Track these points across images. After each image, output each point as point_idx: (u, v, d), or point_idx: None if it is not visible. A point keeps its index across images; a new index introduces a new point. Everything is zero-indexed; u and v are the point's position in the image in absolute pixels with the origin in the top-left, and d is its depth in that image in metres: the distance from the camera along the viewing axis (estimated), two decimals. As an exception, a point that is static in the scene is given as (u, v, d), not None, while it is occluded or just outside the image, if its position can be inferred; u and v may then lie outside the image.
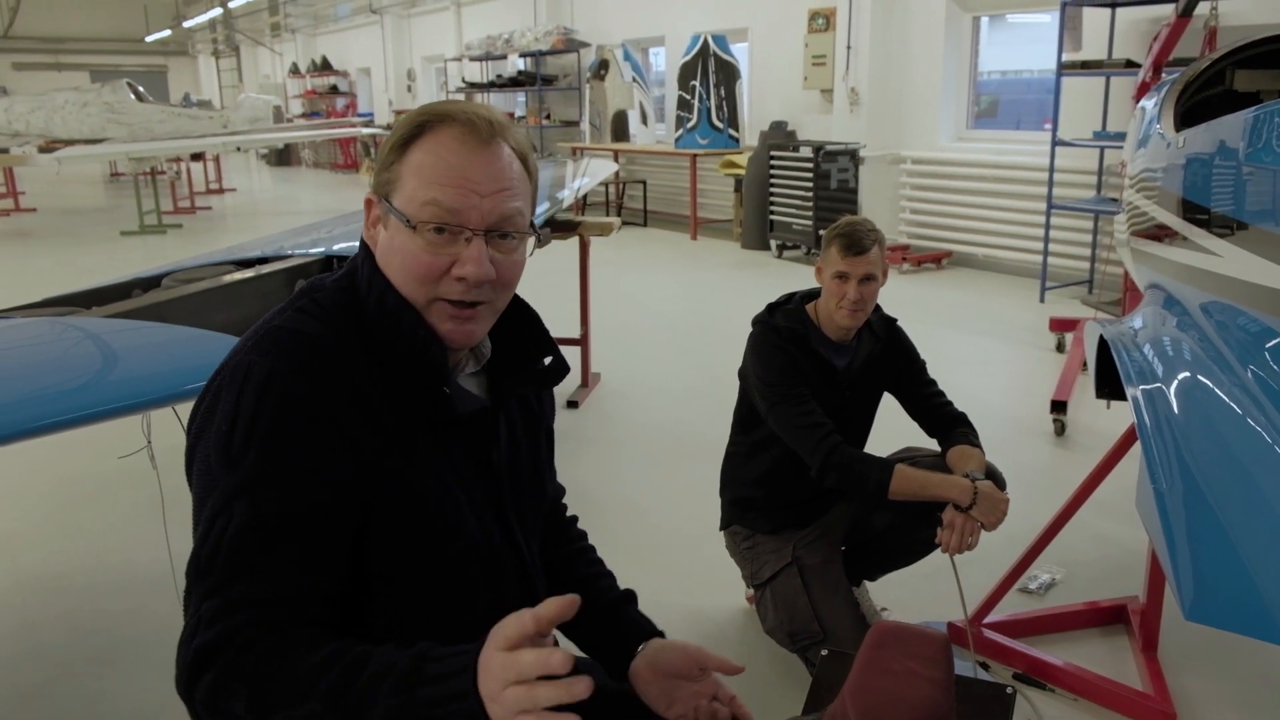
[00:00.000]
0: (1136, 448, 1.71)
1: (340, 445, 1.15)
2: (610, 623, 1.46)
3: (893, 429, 2.76)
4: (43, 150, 12.90)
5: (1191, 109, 2.74)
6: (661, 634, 1.46)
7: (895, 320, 2.68)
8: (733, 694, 1.39)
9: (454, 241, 1.20)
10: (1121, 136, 5.46)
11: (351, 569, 1.19)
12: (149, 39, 29.16)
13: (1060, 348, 5.79)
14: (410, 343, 1.21)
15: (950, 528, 2.28)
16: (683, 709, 1.36)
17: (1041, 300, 7.11)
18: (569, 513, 1.63)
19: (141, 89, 15.20)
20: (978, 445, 2.50)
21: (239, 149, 16.41)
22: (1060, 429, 4.38)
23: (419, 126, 1.20)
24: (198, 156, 15.42)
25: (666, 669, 1.38)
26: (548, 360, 1.37)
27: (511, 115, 15.32)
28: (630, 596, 1.52)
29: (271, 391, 1.13)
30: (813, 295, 2.61)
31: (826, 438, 2.39)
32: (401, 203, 1.20)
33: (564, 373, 1.40)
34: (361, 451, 1.16)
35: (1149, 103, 2.94)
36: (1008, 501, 2.33)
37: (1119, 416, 3.00)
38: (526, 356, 1.36)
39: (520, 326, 1.36)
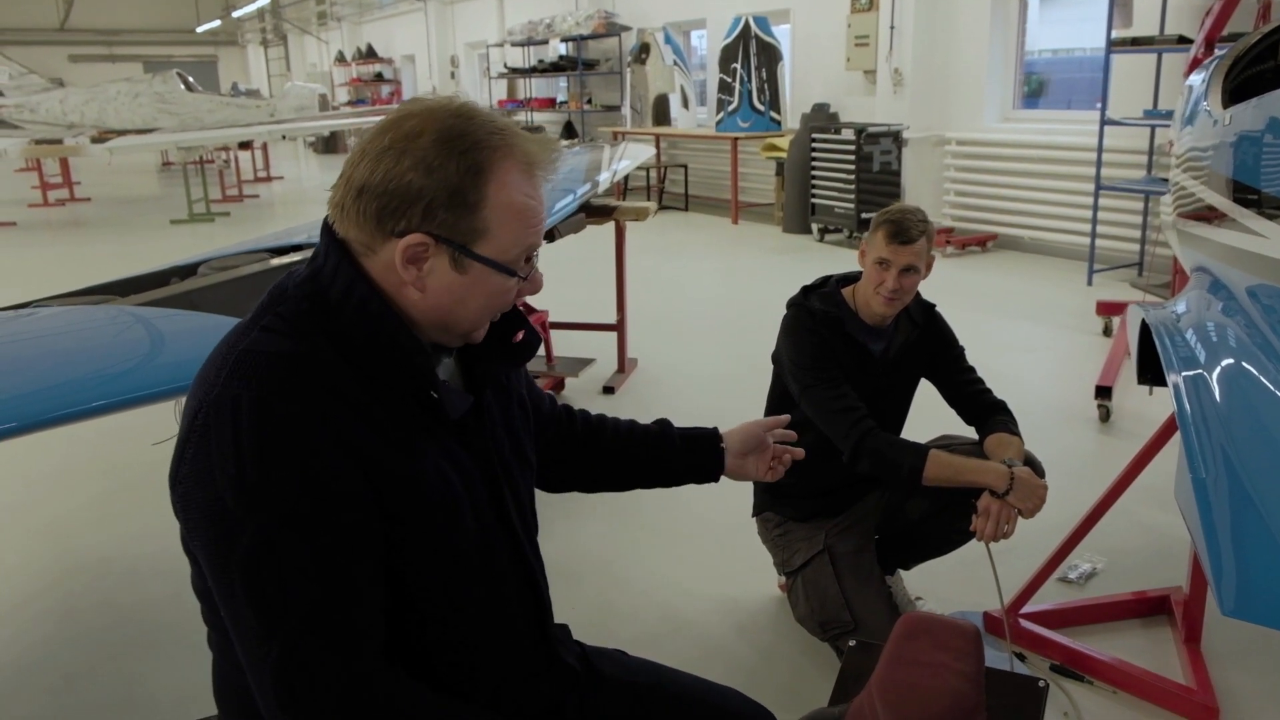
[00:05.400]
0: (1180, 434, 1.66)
1: (348, 457, 1.12)
2: (686, 448, 1.63)
3: (930, 416, 2.71)
4: (96, 141, 13.13)
5: (1241, 85, 2.65)
6: (715, 429, 1.66)
7: (934, 306, 2.62)
8: (785, 450, 1.67)
9: None
10: (1173, 115, 5.33)
11: None
12: (200, 29, 29.55)
13: (1107, 332, 5.68)
14: (393, 352, 1.17)
15: (985, 514, 2.23)
16: (760, 469, 1.65)
17: (1089, 283, 6.97)
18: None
19: (191, 79, 15.40)
20: (1016, 433, 2.44)
21: (285, 137, 16.59)
22: (1105, 415, 4.29)
23: (481, 166, 1.14)
24: (246, 145, 15.61)
25: (743, 450, 1.64)
26: (519, 336, 1.33)
27: (553, 101, 15.33)
28: (667, 422, 1.69)
29: (268, 421, 1.08)
30: (850, 278, 2.56)
31: (860, 422, 2.35)
32: (495, 252, 1.16)
33: (536, 346, 1.36)
34: (367, 458, 1.13)
35: (1197, 79, 2.86)
36: (1045, 488, 2.27)
37: (1166, 403, 2.92)
38: (498, 334, 1.31)
39: None
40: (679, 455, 1.63)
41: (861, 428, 2.34)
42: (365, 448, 1.13)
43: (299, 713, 1.10)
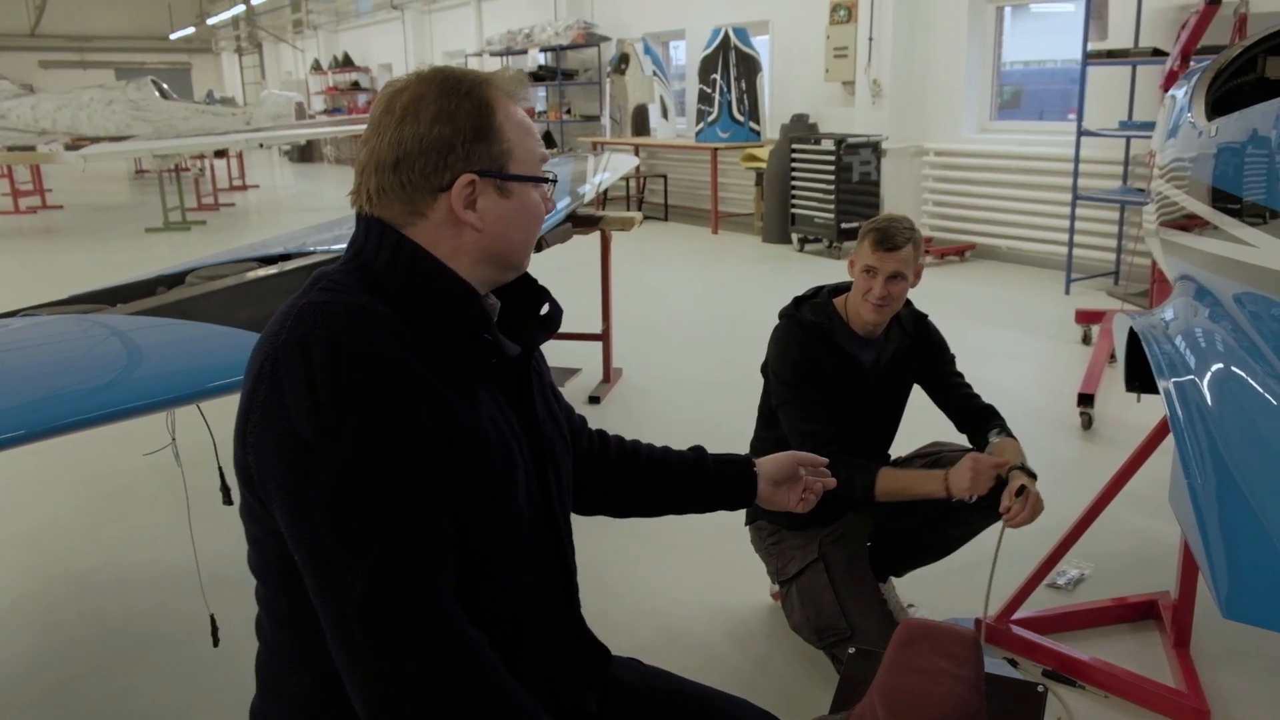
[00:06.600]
0: (1167, 441, 1.69)
1: (419, 395, 1.15)
2: (720, 473, 1.65)
3: (921, 422, 2.73)
4: (69, 148, 13.02)
5: (1223, 97, 2.69)
6: (749, 456, 1.69)
7: (926, 316, 2.64)
8: (816, 480, 1.69)
9: None
10: (1148, 126, 5.39)
11: None
12: (173, 36, 29.37)
13: (1086, 340, 5.74)
14: (445, 299, 1.22)
15: (1025, 496, 2.22)
16: (793, 500, 1.67)
17: (1067, 292, 7.05)
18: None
19: (166, 86, 15.28)
20: (1012, 436, 2.47)
21: (262, 145, 16.53)
22: (1087, 422, 4.34)
23: (485, 100, 1.23)
24: (221, 153, 15.54)
25: (776, 479, 1.66)
26: (545, 309, 1.39)
27: (532, 111, 15.33)
28: (701, 448, 1.69)
29: (339, 357, 1.11)
30: (842, 289, 2.58)
31: (822, 448, 2.35)
32: (525, 167, 1.27)
33: (561, 316, 1.42)
34: (434, 401, 1.16)
35: (1179, 91, 2.89)
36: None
37: (1147, 410, 2.97)
38: (524, 307, 1.39)
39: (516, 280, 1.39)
40: (713, 481, 1.64)
41: (823, 453, 2.35)
42: (432, 391, 1.16)
43: (385, 642, 1.09)
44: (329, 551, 1.10)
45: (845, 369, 2.51)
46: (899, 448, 2.72)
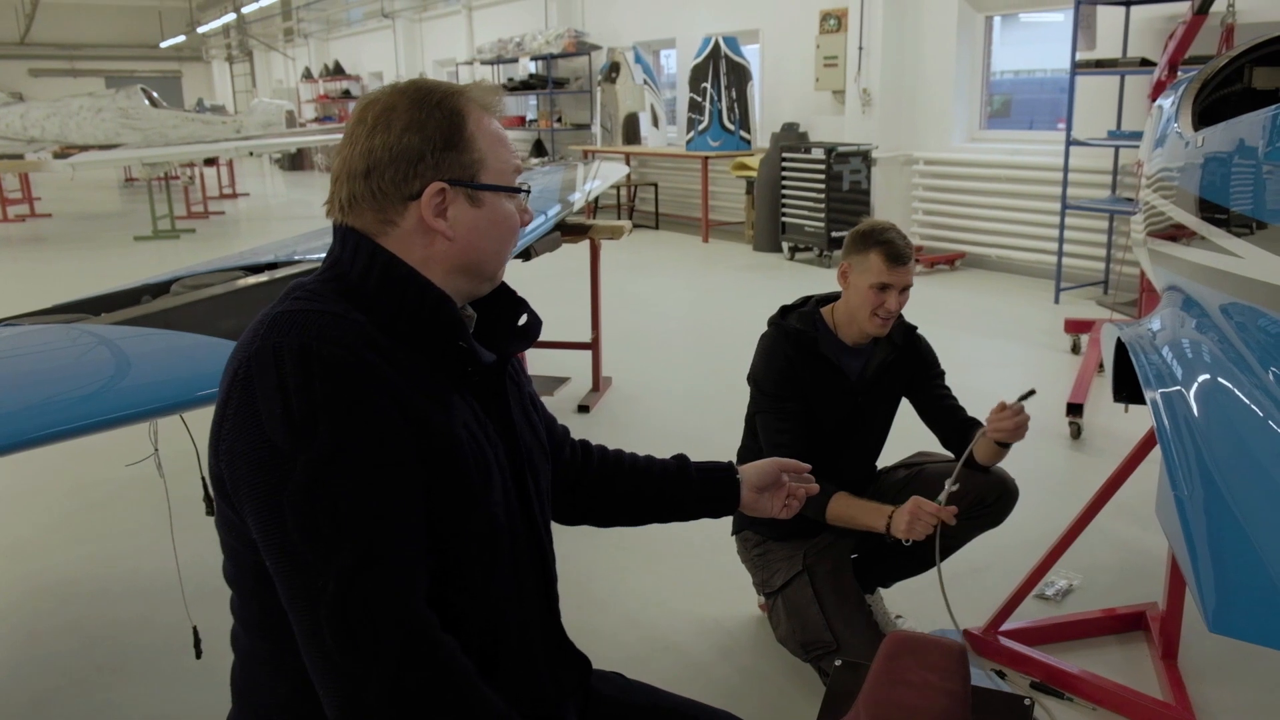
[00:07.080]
0: (1156, 451, 1.68)
1: (391, 401, 1.15)
2: (703, 481, 1.65)
3: (914, 430, 2.72)
4: (58, 156, 12.96)
5: (1209, 107, 2.70)
6: (731, 463, 1.69)
7: (916, 329, 2.63)
8: (800, 485, 1.70)
9: None
10: (1136, 135, 5.41)
11: None
12: (163, 45, 29.32)
13: (1076, 349, 5.74)
14: (420, 307, 1.22)
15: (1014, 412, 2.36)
16: (776, 506, 1.68)
17: (1056, 301, 7.06)
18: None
19: (155, 94, 15.24)
20: None
21: (252, 154, 16.47)
22: (1076, 432, 4.34)
23: (456, 110, 1.24)
24: (211, 161, 15.48)
25: (759, 485, 1.66)
26: (523, 319, 1.40)
27: (523, 119, 15.34)
28: (684, 457, 1.70)
29: (312, 361, 1.11)
30: (829, 298, 2.57)
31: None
32: (496, 177, 1.27)
33: (540, 327, 1.42)
34: (407, 407, 1.16)
35: (1166, 101, 2.90)
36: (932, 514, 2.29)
37: (1136, 420, 2.97)
38: (502, 318, 1.39)
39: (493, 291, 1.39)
40: (696, 489, 1.64)
41: None
42: (405, 398, 1.16)
43: (356, 646, 1.09)
44: (301, 556, 1.10)
45: (830, 379, 2.50)
46: (888, 457, 2.72)
